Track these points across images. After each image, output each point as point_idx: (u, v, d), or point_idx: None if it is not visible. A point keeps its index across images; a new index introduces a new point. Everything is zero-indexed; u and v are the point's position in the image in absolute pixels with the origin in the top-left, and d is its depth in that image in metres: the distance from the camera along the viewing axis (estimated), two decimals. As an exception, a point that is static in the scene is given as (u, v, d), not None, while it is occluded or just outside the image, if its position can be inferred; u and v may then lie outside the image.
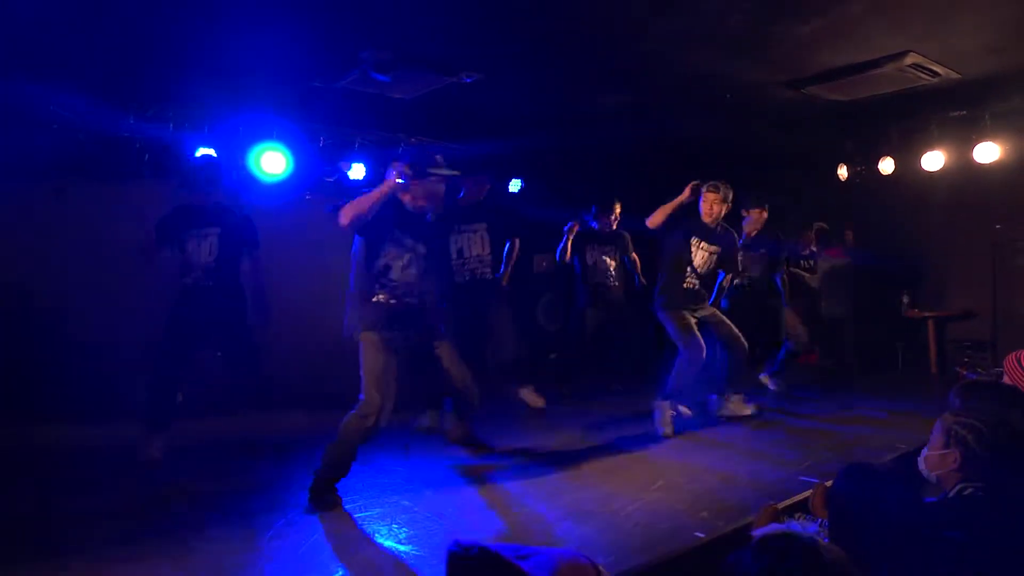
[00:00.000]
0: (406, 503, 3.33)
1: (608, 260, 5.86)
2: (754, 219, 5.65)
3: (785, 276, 6.05)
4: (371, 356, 3.32)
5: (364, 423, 3.24)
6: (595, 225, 5.86)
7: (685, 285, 4.83)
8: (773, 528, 1.45)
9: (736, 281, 5.54)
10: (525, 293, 7.00)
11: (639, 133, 6.40)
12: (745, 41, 4.34)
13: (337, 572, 2.60)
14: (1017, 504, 1.89)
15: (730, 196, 4.83)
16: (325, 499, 3.25)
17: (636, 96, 5.47)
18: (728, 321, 4.90)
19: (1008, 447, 2.03)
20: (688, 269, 4.82)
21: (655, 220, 4.74)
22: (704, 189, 4.80)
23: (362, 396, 3.29)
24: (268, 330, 4.45)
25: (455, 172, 3.55)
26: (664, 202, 4.77)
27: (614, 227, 5.85)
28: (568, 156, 6.94)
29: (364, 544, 2.86)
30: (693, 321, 4.77)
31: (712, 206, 4.78)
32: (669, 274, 4.88)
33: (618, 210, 5.83)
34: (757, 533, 1.46)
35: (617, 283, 5.91)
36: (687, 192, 4.72)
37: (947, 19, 4.08)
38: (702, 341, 4.67)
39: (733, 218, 5.31)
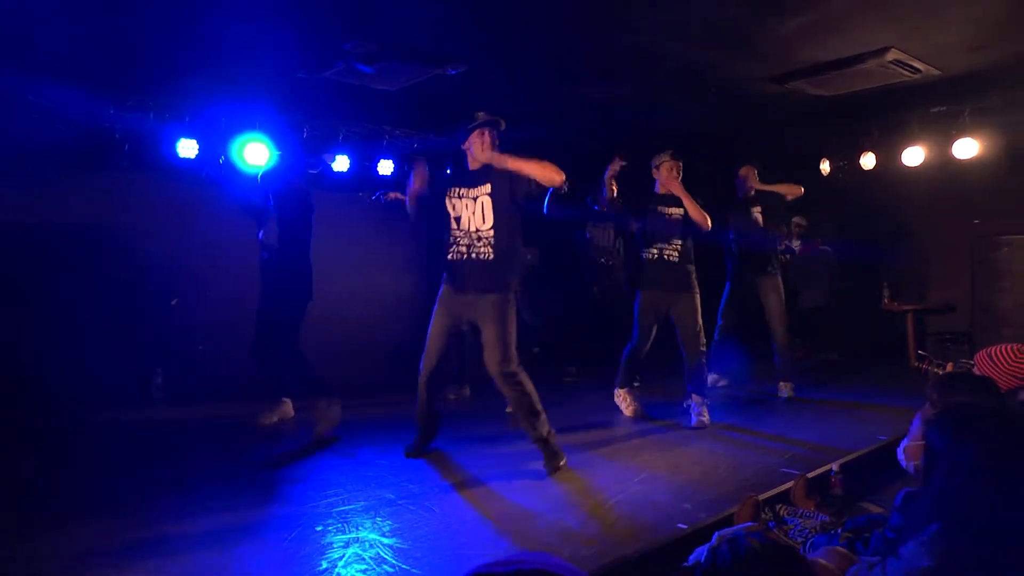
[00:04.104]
0: (390, 496, 3.33)
1: (608, 234, 6.00)
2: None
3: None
4: None
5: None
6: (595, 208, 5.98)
7: (648, 257, 4.76)
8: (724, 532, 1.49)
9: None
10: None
11: (626, 126, 6.42)
12: (730, 35, 4.36)
13: (321, 564, 2.59)
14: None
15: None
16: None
17: (621, 89, 5.47)
18: (691, 320, 4.69)
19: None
20: (656, 240, 4.75)
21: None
22: (662, 160, 4.78)
23: None
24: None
25: (494, 118, 3.68)
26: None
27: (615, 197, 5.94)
28: (555, 149, 6.92)
29: (348, 537, 2.85)
30: (653, 316, 4.74)
31: (673, 171, 4.73)
32: (637, 249, 4.85)
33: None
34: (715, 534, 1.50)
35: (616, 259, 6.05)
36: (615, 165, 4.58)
37: (928, 16, 4.12)
38: (648, 338, 4.77)
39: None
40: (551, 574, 0.93)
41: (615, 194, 4.86)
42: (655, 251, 4.75)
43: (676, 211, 4.76)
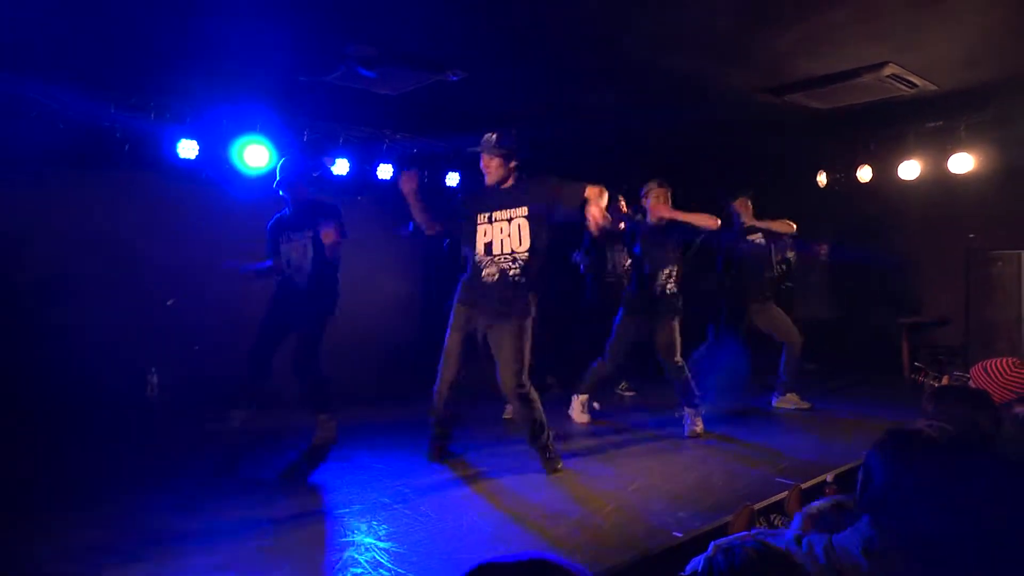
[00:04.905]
0: (385, 500, 3.34)
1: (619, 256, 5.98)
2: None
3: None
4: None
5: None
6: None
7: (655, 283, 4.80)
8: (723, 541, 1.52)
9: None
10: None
11: (624, 132, 6.44)
12: (728, 46, 4.39)
13: (317, 568, 2.60)
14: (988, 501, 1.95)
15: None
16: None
17: (620, 96, 5.50)
18: (667, 335, 4.74)
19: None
20: (655, 269, 4.79)
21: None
22: (650, 188, 4.80)
23: None
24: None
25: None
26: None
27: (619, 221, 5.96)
28: (553, 153, 6.95)
29: (344, 541, 2.85)
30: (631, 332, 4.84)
31: (661, 198, 4.75)
32: (640, 276, 4.86)
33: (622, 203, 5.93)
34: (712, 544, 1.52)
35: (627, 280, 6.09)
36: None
37: (925, 31, 4.16)
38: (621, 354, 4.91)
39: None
40: (556, 566, 0.95)
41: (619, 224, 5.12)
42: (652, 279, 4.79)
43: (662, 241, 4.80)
